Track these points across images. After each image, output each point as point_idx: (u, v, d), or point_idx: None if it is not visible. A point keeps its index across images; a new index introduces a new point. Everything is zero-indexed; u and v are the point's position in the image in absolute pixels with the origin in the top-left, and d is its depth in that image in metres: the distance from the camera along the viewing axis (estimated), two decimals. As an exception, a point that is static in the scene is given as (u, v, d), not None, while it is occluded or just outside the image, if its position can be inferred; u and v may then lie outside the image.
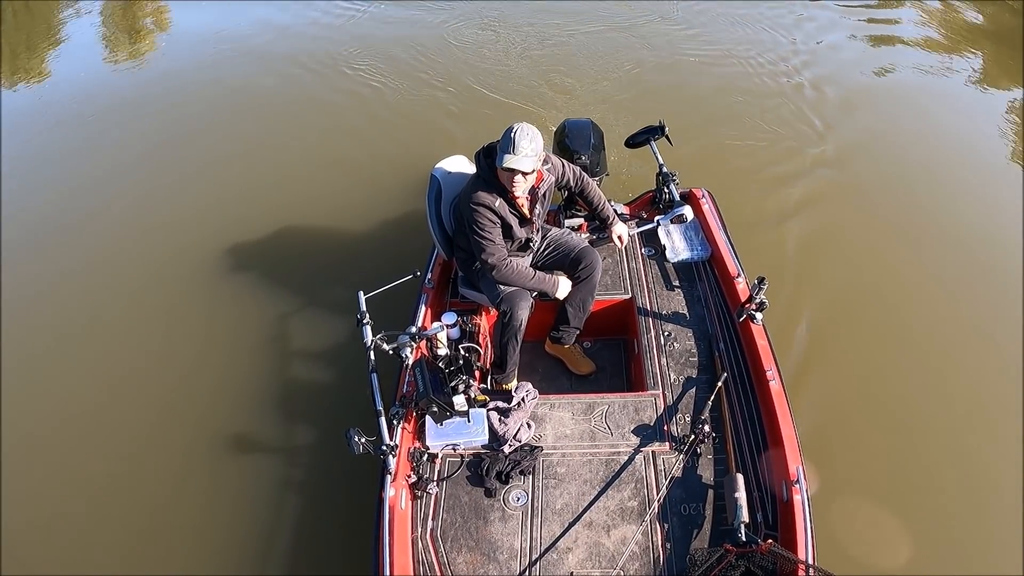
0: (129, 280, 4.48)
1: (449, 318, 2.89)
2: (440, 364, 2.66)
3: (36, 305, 4.36)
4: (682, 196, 3.60)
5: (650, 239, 3.57)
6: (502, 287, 2.92)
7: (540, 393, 2.85)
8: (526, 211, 2.90)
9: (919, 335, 3.76)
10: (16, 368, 3.93)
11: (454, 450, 2.66)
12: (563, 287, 2.99)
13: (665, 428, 2.67)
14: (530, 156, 2.62)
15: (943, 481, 3.10)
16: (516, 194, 2.77)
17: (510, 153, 2.60)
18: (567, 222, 3.58)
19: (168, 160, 5.62)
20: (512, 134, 2.61)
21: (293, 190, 5.15)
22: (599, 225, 3.34)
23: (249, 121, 6.10)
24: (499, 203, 2.77)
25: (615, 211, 3.40)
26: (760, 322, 2.90)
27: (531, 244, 3.07)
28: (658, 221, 3.45)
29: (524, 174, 2.67)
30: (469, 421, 2.68)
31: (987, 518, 2.96)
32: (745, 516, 2.25)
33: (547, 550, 2.34)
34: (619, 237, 3.24)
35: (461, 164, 3.23)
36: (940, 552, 2.85)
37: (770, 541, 2.15)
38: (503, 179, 2.72)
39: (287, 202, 5.01)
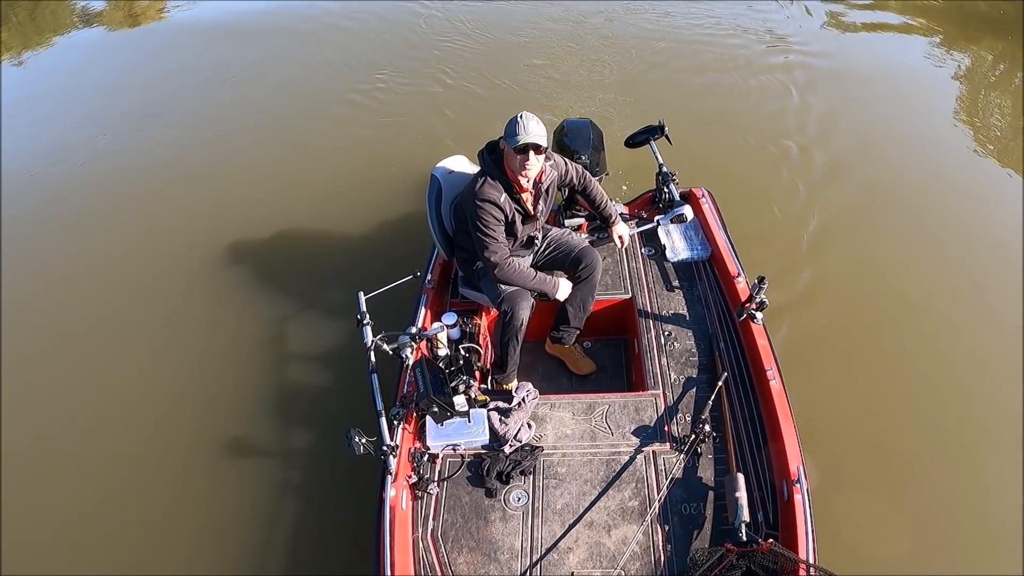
0: (130, 282, 4.48)
1: (449, 318, 2.88)
2: (440, 364, 2.66)
3: (34, 309, 4.36)
4: (682, 196, 3.60)
5: (650, 239, 3.57)
6: (503, 287, 2.92)
7: (540, 393, 2.85)
8: (530, 207, 2.89)
9: (920, 333, 3.76)
10: (15, 371, 3.92)
11: (454, 450, 2.66)
12: (563, 288, 2.99)
13: (666, 428, 2.67)
14: (541, 135, 2.64)
15: (943, 482, 3.09)
16: (529, 176, 2.76)
17: (521, 134, 2.61)
18: (567, 222, 3.58)
19: (166, 164, 5.62)
20: (519, 118, 2.64)
21: (293, 192, 5.15)
22: (600, 224, 3.34)
23: (248, 125, 6.11)
24: (504, 198, 2.77)
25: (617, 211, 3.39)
26: (760, 322, 2.90)
27: (534, 242, 3.07)
28: (658, 221, 3.44)
29: (538, 150, 2.66)
30: (469, 421, 2.68)
31: (987, 518, 2.96)
32: (746, 516, 2.25)
33: (548, 550, 2.34)
34: (620, 237, 3.24)
35: (462, 164, 3.22)
36: (940, 552, 2.85)
37: (771, 540, 2.15)
38: (514, 164, 2.72)
39: (287, 204, 5.01)
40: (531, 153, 2.65)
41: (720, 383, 2.73)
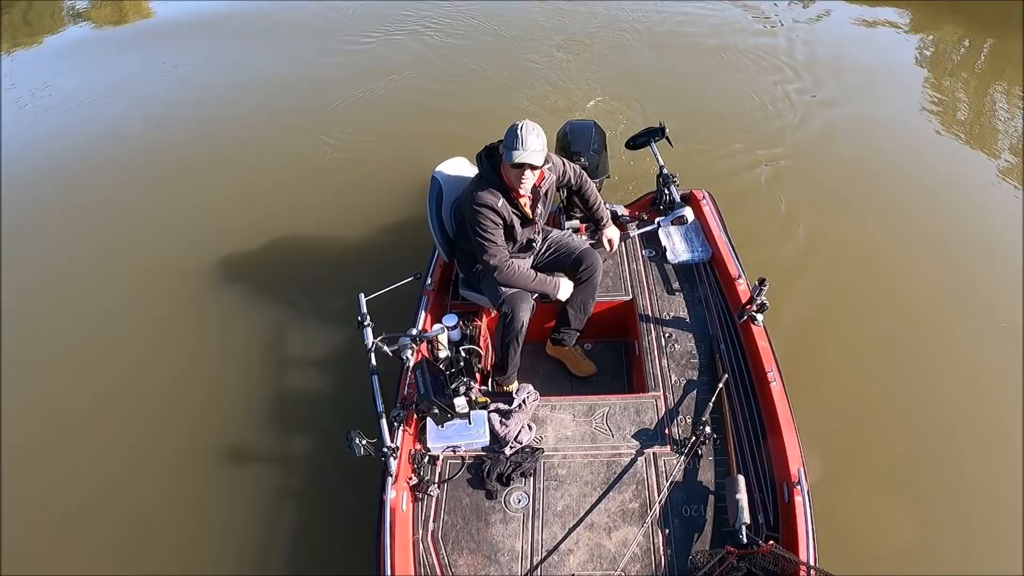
0: (130, 283, 4.48)
1: (450, 320, 2.88)
2: (441, 366, 2.66)
3: (30, 310, 4.36)
4: (683, 197, 3.60)
5: (651, 240, 3.57)
6: (503, 289, 2.92)
7: (541, 395, 2.85)
8: (528, 211, 2.89)
9: (921, 330, 3.76)
10: (10, 373, 3.92)
11: (455, 452, 2.66)
12: (564, 289, 2.99)
13: (666, 430, 2.67)
14: (538, 151, 2.62)
15: (944, 471, 3.10)
16: (522, 192, 2.76)
17: (519, 149, 2.59)
18: (567, 224, 3.58)
19: (165, 165, 5.63)
20: (519, 131, 2.61)
21: (294, 193, 5.15)
22: (593, 227, 3.34)
23: (246, 126, 6.11)
24: (502, 203, 2.77)
25: (615, 213, 3.37)
26: (761, 323, 2.90)
27: (533, 245, 3.07)
28: (659, 223, 3.44)
29: (533, 169, 2.66)
30: (470, 423, 2.68)
31: (987, 505, 2.97)
32: (746, 517, 2.25)
33: (548, 552, 2.34)
34: (609, 241, 3.23)
35: (462, 166, 3.23)
36: (941, 541, 2.85)
37: (771, 542, 2.15)
38: (510, 177, 2.72)
39: (288, 205, 5.02)
40: (526, 171, 2.66)
41: (721, 385, 2.73)
